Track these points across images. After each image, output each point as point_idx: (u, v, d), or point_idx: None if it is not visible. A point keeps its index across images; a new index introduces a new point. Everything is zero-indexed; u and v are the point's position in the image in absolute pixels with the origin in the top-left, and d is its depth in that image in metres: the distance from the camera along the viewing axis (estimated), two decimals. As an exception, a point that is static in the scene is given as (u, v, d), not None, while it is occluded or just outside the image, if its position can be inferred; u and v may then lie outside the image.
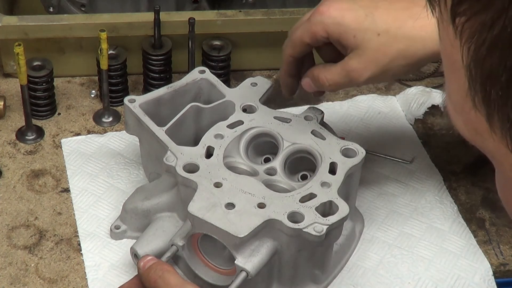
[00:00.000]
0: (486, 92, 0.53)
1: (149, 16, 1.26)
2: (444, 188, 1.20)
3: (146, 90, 1.30)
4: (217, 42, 1.30)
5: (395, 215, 1.16)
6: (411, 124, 1.29)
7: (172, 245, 0.99)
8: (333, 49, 1.03)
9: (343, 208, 0.97)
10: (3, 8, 1.31)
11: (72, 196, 1.15)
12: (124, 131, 1.14)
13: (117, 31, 1.26)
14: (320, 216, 0.96)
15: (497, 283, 1.10)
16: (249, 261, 0.95)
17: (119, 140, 1.24)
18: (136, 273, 1.05)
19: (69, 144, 1.23)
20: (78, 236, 1.11)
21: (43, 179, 1.18)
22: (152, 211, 1.07)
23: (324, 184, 1.00)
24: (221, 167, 1.02)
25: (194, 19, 1.22)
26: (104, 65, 1.21)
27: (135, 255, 1.04)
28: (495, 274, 1.11)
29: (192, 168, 1.01)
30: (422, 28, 0.96)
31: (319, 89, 1.05)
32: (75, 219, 1.13)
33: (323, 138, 1.05)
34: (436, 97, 1.31)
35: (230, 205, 0.97)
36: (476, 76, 0.53)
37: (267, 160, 1.08)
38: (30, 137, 1.23)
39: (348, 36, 0.98)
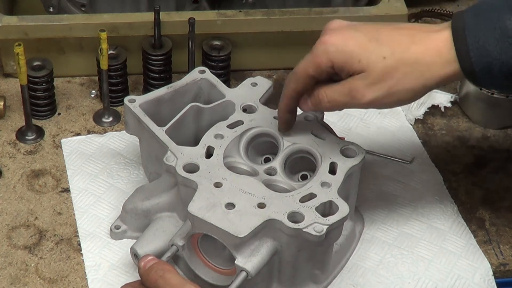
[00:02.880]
0: None
1: (149, 16, 1.26)
2: (444, 188, 1.20)
3: (146, 90, 1.30)
4: (217, 42, 1.30)
5: (395, 215, 1.16)
6: (411, 124, 1.29)
7: (172, 245, 0.99)
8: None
9: (343, 208, 0.97)
10: (3, 8, 1.31)
11: (72, 196, 1.16)
12: (124, 131, 1.14)
13: (117, 31, 1.26)
14: (320, 216, 0.96)
15: (497, 283, 1.10)
16: (249, 261, 0.95)
17: (119, 140, 1.24)
18: (136, 273, 1.06)
19: (69, 144, 1.23)
20: (78, 236, 1.11)
21: (43, 179, 1.18)
22: (152, 211, 1.07)
23: (324, 184, 1.00)
24: (221, 167, 1.02)
25: (194, 19, 1.22)
26: (104, 65, 1.21)
27: (135, 255, 1.04)
28: (495, 274, 1.11)
29: (192, 168, 1.01)
30: (426, 52, 0.95)
31: (316, 107, 1.01)
32: (75, 219, 1.13)
33: (323, 138, 1.05)
34: (436, 97, 1.32)
35: (230, 205, 0.97)
36: None
37: (267, 160, 1.08)
38: (30, 137, 1.23)
39: (353, 62, 0.96)
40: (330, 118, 1.27)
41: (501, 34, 0.91)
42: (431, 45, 0.95)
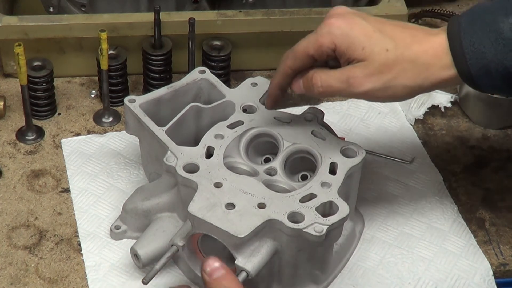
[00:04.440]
0: None
1: (149, 16, 1.26)
2: (444, 188, 1.20)
3: (146, 90, 1.30)
4: (217, 42, 1.30)
5: (395, 215, 1.16)
6: (411, 124, 1.29)
7: (172, 245, 0.99)
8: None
9: (343, 208, 0.97)
10: (3, 8, 1.31)
11: (72, 196, 1.15)
12: (124, 131, 1.14)
13: (117, 31, 1.26)
14: (320, 216, 0.96)
15: (497, 283, 1.10)
16: (249, 261, 0.95)
17: (119, 140, 1.24)
18: (136, 273, 1.06)
19: (69, 144, 1.23)
20: (78, 236, 1.11)
21: (43, 179, 1.18)
22: (152, 211, 1.07)
23: (324, 184, 1.00)
24: (221, 167, 1.02)
25: (194, 19, 1.22)
26: (104, 65, 1.21)
27: (135, 255, 1.04)
28: (495, 274, 1.11)
29: (192, 168, 1.01)
30: (425, 52, 0.95)
31: (307, 91, 1.01)
32: (75, 219, 1.13)
33: (323, 138, 1.05)
34: (436, 97, 1.32)
35: (230, 205, 0.97)
36: None
37: (267, 160, 1.08)
38: (30, 137, 1.23)
39: (356, 48, 0.96)
40: (330, 118, 1.27)
41: (496, 36, 0.92)
42: (430, 47, 0.96)
